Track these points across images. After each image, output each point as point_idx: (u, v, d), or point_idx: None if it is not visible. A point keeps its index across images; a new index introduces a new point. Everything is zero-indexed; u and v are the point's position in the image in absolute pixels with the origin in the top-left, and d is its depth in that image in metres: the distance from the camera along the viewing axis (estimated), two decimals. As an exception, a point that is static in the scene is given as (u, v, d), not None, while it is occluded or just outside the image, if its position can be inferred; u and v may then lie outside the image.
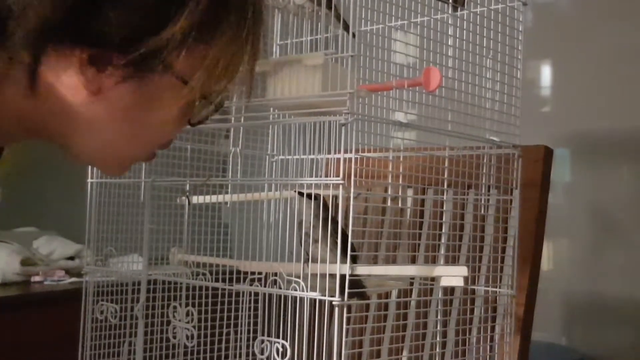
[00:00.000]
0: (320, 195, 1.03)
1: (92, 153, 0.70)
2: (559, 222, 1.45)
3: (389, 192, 1.02)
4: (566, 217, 2.27)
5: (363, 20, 0.94)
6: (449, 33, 1.03)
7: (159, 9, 0.61)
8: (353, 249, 0.91)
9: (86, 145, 0.68)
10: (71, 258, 2.00)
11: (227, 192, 1.19)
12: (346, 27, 1.11)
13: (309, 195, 1.03)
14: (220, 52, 0.66)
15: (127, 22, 0.61)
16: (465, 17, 1.05)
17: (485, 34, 1.07)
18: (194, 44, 0.64)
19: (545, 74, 2.49)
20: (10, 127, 0.67)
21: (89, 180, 1.23)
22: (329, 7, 1.13)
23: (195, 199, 1.21)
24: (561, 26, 2.40)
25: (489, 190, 1.15)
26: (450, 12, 1.04)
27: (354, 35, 0.95)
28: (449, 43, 1.03)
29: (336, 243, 0.92)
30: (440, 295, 1.12)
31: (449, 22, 1.04)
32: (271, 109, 1.13)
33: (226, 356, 1.25)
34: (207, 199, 1.21)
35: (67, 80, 0.62)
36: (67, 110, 0.64)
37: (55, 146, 0.70)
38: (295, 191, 1.05)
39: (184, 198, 1.21)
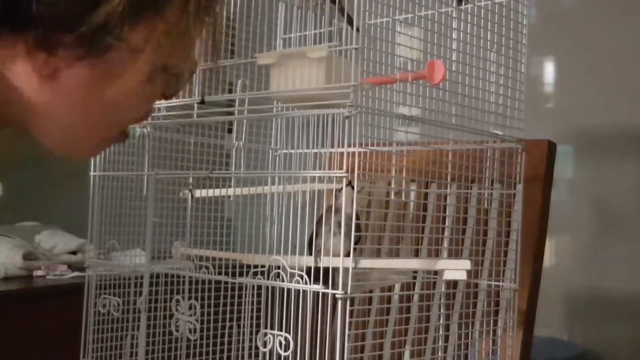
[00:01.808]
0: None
1: (57, 140, 0.68)
2: (561, 218, 1.45)
3: (392, 186, 1.02)
4: (568, 213, 2.27)
5: (367, 13, 0.94)
6: (453, 26, 1.03)
7: None
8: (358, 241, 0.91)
9: (49, 130, 0.67)
10: (73, 253, 2.00)
11: (230, 186, 1.19)
12: (350, 21, 1.10)
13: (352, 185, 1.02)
14: (171, 22, 0.65)
15: (60, 1, 0.59)
16: (469, 11, 1.05)
17: (489, 28, 1.07)
18: (139, 17, 0.62)
19: (548, 70, 2.49)
20: None
21: (92, 173, 1.23)
22: (332, 0, 1.13)
23: (198, 193, 1.21)
24: (564, 23, 2.40)
25: (492, 185, 1.15)
26: (454, 5, 1.04)
27: (357, 30, 0.95)
28: (453, 36, 1.03)
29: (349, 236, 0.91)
30: (443, 289, 1.12)
31: (453, 15, 1.03)
32: (274, 102, 1.13)
33: (229, 349, 1.25)
34: (210, 192, 1.21)
35: (17, 68, 0.61)
36: (23, 97, 0.63)
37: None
38: (344, 184, 1.03)
39: (187, 192, 1.21)
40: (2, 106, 0.64)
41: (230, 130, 1.31)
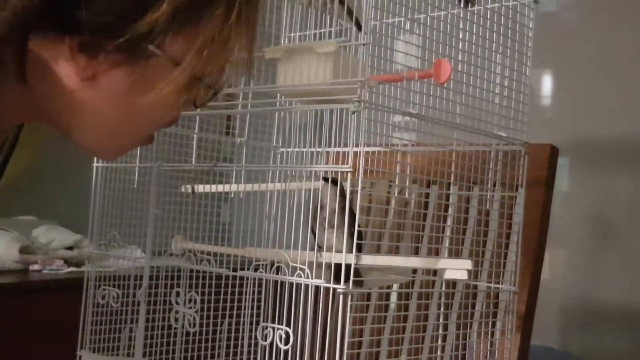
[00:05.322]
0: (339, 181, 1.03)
1: (88, 138, 0.71)
2: (556, 228, 1.46)
3: (395, 184, 1.02)
4: (564, 223, 2.27)
5: (374, 10, 0.94)
6: (460, 26, 1.03)
7: None
8: (362, 238, 0.91)
9: (82, 130, 0.69)
10: (70, 248, 1.99)
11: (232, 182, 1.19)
12: (358, 24, 1.11)
13: (333, 181, 1.02)
14: (211, 35, 0.66)
15: (109, 8, 0.61)
16: (476, 12, 1.06)
17: (495, 30, 1.07)
18: (181, 27, 0.64)
19: (545, 82, 2.50)
20: (6, 112, 0.68)
21: (95, 164, 1.23)
22: (340, 1, 1.13)
23: (201, 188, 1.21)
24: (562, 35, 2.41)
25: (494, 187, 1.15)
26: (462, 6, 1.05)
27: (366, 33, 0.95)
28: (460, 36, 1.04)
29: (350, 232, 0.92)
30: (443, 288, 1.12)
31: (460, 15, 1.04)
32: (279, 96, 1.13)
33: (227, 345, 1.25)
34: (212, 188, 1.21)
35: (59, 68, 0.63)
36: (62, 96, 0.65)
37: (56, 136, 0.71)
38: (320, 177, 1.04)
39: (188, 186, 1.21)
40: (44, 102, 0.67)
41: (227, 134, 1.31)
